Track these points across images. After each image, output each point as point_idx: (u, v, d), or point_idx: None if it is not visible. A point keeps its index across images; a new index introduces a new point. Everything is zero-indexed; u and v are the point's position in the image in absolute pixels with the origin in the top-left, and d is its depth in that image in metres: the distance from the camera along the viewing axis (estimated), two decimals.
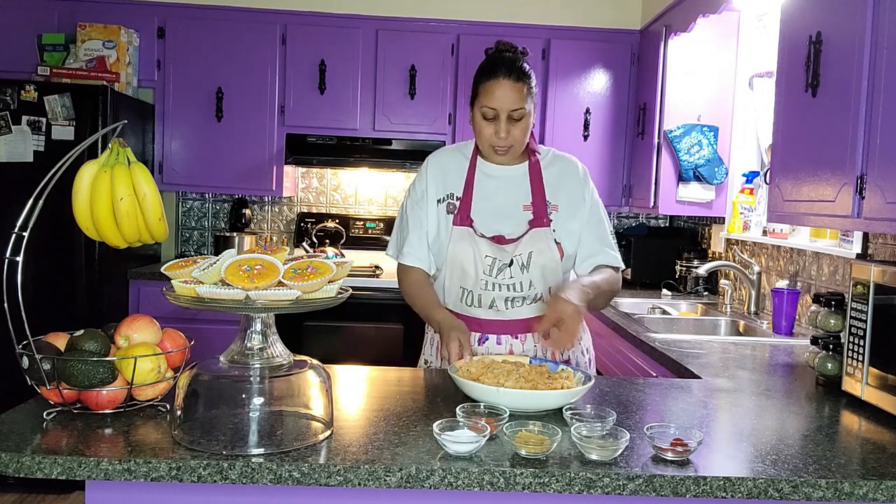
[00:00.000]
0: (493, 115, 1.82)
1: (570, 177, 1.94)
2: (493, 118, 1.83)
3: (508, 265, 1.85)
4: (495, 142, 1.84)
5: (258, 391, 1.37)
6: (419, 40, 3.98)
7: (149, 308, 3.65)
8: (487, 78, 1.83)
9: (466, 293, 1.89)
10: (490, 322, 1.88)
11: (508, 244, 1.85)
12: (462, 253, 1.85)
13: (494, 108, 1.81)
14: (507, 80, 1.80)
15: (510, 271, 1.85)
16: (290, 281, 1.33)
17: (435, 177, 1.96)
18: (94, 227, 1.55)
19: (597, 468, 1.26)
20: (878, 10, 1.81)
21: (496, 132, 1.82)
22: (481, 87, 1.84)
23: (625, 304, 3.45)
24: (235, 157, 3.97)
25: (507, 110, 1.81)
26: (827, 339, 1.93)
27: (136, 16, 3.88)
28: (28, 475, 1.23)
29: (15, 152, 3.39)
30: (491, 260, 1.85)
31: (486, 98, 1.82)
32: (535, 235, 1.85)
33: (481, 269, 1.85)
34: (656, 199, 3.69)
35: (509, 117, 1.82)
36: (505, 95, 1.80)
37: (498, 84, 1.80)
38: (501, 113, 1.81)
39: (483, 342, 1.90)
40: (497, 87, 1.80)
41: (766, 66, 3.36)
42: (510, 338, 1.89)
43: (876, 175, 1.79)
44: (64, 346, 1.46)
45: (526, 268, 1.85)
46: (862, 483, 1.27)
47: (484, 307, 1.88)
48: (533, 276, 1.86)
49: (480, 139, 1.88)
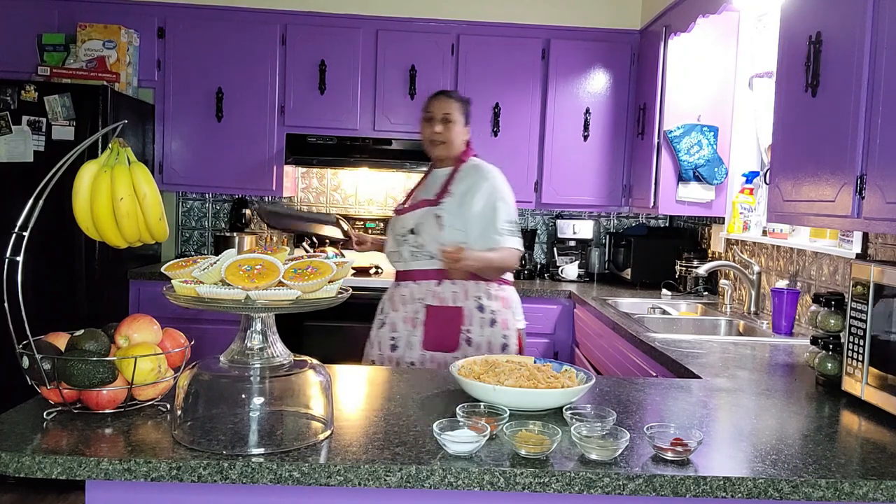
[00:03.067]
0: (429, 117, 2.58)
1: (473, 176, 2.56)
2: (429, 120, 2.57)
3: (411, 231, 2.54)
4: (431, 136, 2.57)
5: (258, 391, 1.37)
6: (419, 40, 3.98)
7: (149, 308, 3.65)
8: (430, 98, 2.63)
9: (392, 253, 2.64)
10: (403, 272, 2.58)
11: (404, 214, 2.58)
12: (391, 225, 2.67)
13: (430, 111, 2.58)
14: (442, 96, 2.61)
15: (412, 237, 2.54)
16: (290, 281, 1.33)
17: None
18: (94, 227, 1.55)
19: (597, 468, 1.26)
20: (878, 10, 1.81)
21: (432, 129, 2.56)
22: (426, 104, 2.62)
23: (625, 304, 3.45)
24: (235, 157, 3.97)
25: (440, 113, 2.56)
26: (827, 339, 1.93)
27: (136, 16, 3.89)
28: (28, 475, 1.23)
29: (15, 152, 3.39)
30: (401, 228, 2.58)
31: (426, 107, 2.61)
32: (424, 211, 2.53)
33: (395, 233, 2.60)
34: (656, 199, 3.69)
35: (442, 120, 2.56)
36: (438, 104, 2.58)
37: (436, 98, 2.62)
38: (436, 115, 2.56)
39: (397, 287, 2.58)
40: (435, 100, 2.61)
41: (766, 66, 3.36)
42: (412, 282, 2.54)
43: (876, 175, 1.79)
44: (64, 346, 1.46)
45: (417, 234, 2.53)
46: (862, 483, 1.27)
47: (403, 261, 2.58)
48: (424, 239, 2.51)
49: (424, 139, 2.61)
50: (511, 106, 4.01)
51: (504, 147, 3.96)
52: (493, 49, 3.99)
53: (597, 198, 4.11)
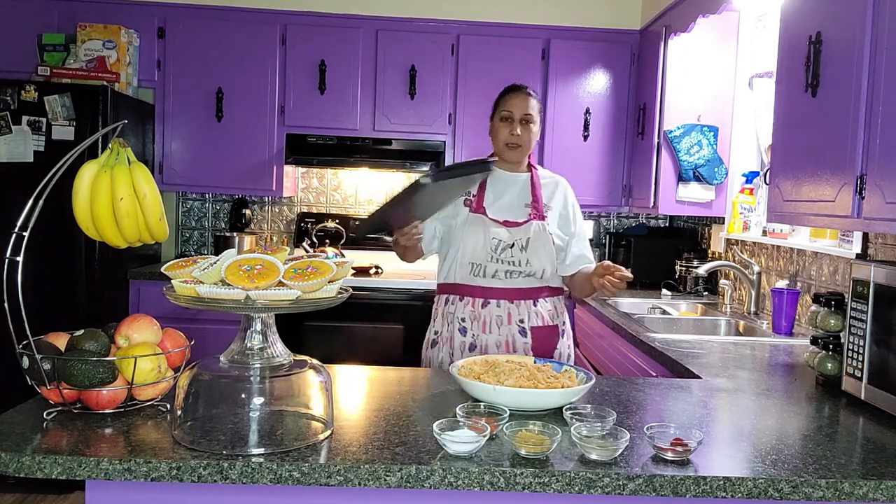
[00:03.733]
0: (508, 116, 2.31)
1: (561, 189, 2.43)
2: (508, 119, 2.31)
3: (510, 246, 2.28)
4: (509, 139, 2.31)
5: (258, 391, 1.37)
6: (419, 40, 3.98)
7: (149, 308, 3.65)
8: (506, 93, 2.37)
9: (475, 266, 2.29)
10: (492, 289, 2.29)
11: (513, 227, 2.29)
12: (475, 234, 2.28)
13: (510, 110, 2.31)
14: (521, 93, 2.34)
15: (511, 251, 2.28)
16: (290, 281, 1.33)
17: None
18: (94, 227, 1.55)
19: (597, 468, 1.26)
20: (878, 10, 1.81)
21: (511, 131, 2.31)
22: (501, 100, 2.36)
23: (625, 304, 3.45)
24: (235, 157, 3.97)
25: (519, 114, 2.31)
26: (827, 339, 1.93)
27: (136, 16, 3.88)
28: (28, 475, 1.23)
29: (15, 152, 3.39)
30: (496, 241, 2.28)
31: (503, 105, 2.34)
32: (534, 225, 2.30)
33: (489, 246, 2.28)
34: (656, 199, 3.69)
35: (521, 120, 2.31)
36: (519, 103, 2.32)
37: (514, 95, 2.34)
38: (515, 116, 2.31)
39: (485, 306, 2.28)
40: (513, 97, 2.34)
41: (766, 66, 3.36)
42: (507, 302, 2.29)
43: (876, 175, 1.79)
44: (64, 346, 1.46)
45: (524, 249, 2.28)
46: (862, 483, 1.27)
47: (488, 277, 2.29)
48: (530, 256, 2.28)
49: (497, 140, 2.35)
50: None
51: None
52: (493, 49, 3.99)
53: (597, 198, 4.11)
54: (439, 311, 2.39)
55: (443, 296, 2.39)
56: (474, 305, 2.29)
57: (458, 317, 2.30)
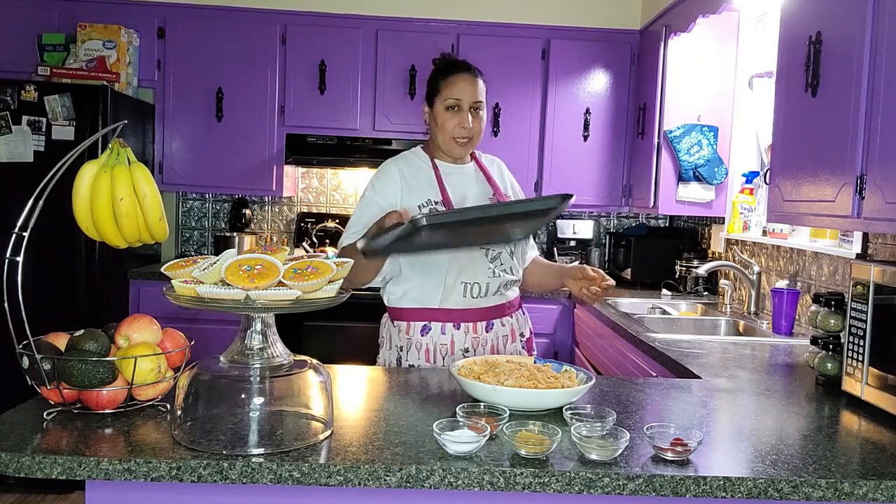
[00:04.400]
0: (456, 104, 1.93)
1: (504, 170, 2.12)
2: (455, 109, 1.93)
3: (498, 253, 1.97)
4: (458, 133, 1.94)
5: (258, 391, 1.37)
6: (419, 40, 3.98)
7: (149, 308, 3.65)
8: (449, 73, 1.95)
9: (471, 286, 1.95)
10: (494, 308, 1.98)
11: None
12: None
13: (458, 98, 1.92)
14: (468, 75, 1.94)
15: (501, 259, 1.99)
16: (290, 281, 1.33)
17: (408, 184, 2.00)
18: (94, 227, 1.55)
19: (597, 468, 1.26)
20: (878, 11, 1.81)
21: (460, 123, 1.93)
22: (443, 82, 1.95)
23: (625, 304, 3.45)
24: (235, 157, 3.97)
25: (469, 102, 1.93)
26: (827, 339, 1.93)
27: (136, 16, 3.88)
28: (28, 475, 1.23)
29: (15, 152, 3.39)
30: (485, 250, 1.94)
31: (448, 91, 1.93)
32: None
33: (482, 260, 1.95)
34: (656, 199, 3.69)
35: (471, 109, 1.94)
36: (467, 88, 1.93)
37: (460, 77, 1.93)
38: (464, 104, 1.93)
39: (490, 328, 1.99)
40: (460, 80, 1.93)
41: (766, 66, 3.36)
42: (509, 318, 2.02)
43: (876, 175, 1.79)
44: (64, 346, 1.46)
45: (514, 252, 2.02)
46: (862, 483, 1.27)
47: (489, 295, 1.97)
48: (516, 260, 2.03)
49: (443, 132, 1.96)
50: (511, 106, 4.01)
51: (504, 147, 3.96)
52: (493, 49, 3.99)
53: (597, 198, 4.11)
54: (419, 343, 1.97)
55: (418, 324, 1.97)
56: (477, 331, 1.96)
57: (461, 348, 1.97)
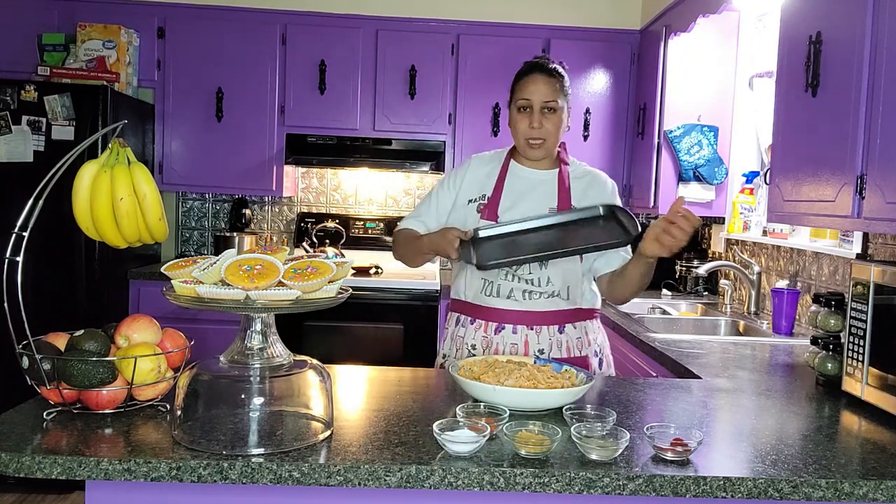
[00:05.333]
0: (527, 105, 1.93)
1: (597, 189, 2.06)
2: (527, 110, 1.94)
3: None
4: (529, 133, 1.94)
5: (258, 391, 1.37)
6: (419, 40, 3.98)
7: (149, 308, 3.65)
8: (522, 76, 1.97)
9: (487, 284, 1.96)
10: (507, 312, 1.95)
11: None
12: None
13: (528, 98, 1.93)
14: (540, 76, 1.93)
15: (529, 267, 1.93)
16: (290, 281, 1.33)
17: (476, 176, 2.05)
18: (94, 227, 1.55)
19: (597, 468, 1.26)
20: (878, 10, 1.81)
21: (530, 123, 1.93)
22: (517, 84, 1.98)
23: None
24: (235, 157, 3.97)
25: (539, 102, 1.92)
26: (827, 339, 1.93)
27: (136, 16, 3.88)
28: (28, 475, 1.23)
29: (15, 152, 3.39)
30: None
31: (520, 92, 1.95)
32: None
33: None
34: (656, 199, 3.69)
35: (542, 109, 1.93)
36: (538, 89, 1.92)
37: (531, 79, 1.94)
38: (535, 104, 1.92)
39: (500, 331, 1.96)
40: (531, 82, 1.94)
41: (766, 66, 3.36)
42: (525, 328, 1.95)
43: (876, 175, 1.79)
44: (64, 346, 1.46)
45: (544, 265, 1.93)
46: (862, 483, 1.27)
47: (503, 297, 1.95)
48: (551, 274, 1.94)
49: (516, 134, 1.98)
50: None
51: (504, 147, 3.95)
52: (493, 49, 3.99)
53: None
54: (449, 332, 2.07)
55: (453, 314, 2.07)
56: (486, 331, 1.96)
57: (468, 343, 1.97)
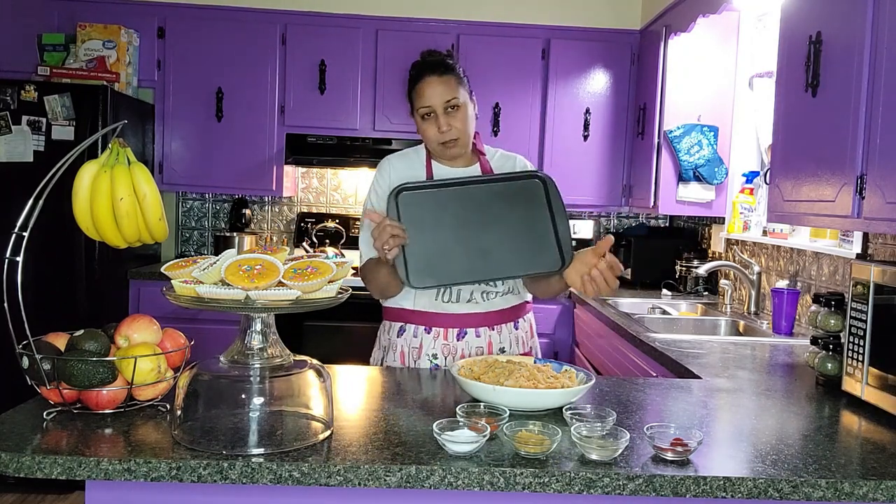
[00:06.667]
0: (429, 111, 1.88)
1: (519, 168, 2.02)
2: (431, 115, 1.88)
3: None
4: (440, 137, 1.89)
5: (258, 391, 1.37)
6: (419, 40, 3.97)
7: (149, 308, 3.65)
8: (415, 82, 1.92)
9: (443, 290, 1.91)
10: (469, 315, 1.92)
11: None
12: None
13: (428, 105, 1.87)
14: (433, 77, 1.88)
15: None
16: (290, 281, 1.33)
17: (400, 175, 1.97)
18: (94, 227, 1.55)
19: (597, 468, 1.26)
20: (878, 11, 1.81)
21: (438, 128, 1.87)
22: (413, 92, 1.93)
23: (625, 304, 3.45)
24: (235, 157, 3.97)
25: (441, 105, 1.87)
26: (827, 339, 1.93)
27: (136, 16, 3.89)
28: (28, 475, 1.23)
29: (15, 152, 3.39)
30: None
31: (419, 100, 1.90)
32: None
33: None
34: (656, 199, 3.69)
35: (446, 110, 1.87)
36: (434, 91, 1.86)
37: (425, 83, 1.88)
38: (437, 108, 1.87)
39: (462, 337, 1.93)
40: (426, 86, 1.88)
41: (766, 66, 3.36)
42: (488, 329, 1.94)
43: (876, 175, 1.79)
44: (64, 346, 1.46)
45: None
46: (862, 483, 1.27)
47: (462, 301, 1.92)
48: None
49: (428, 142, 1.93)
50: (511, 106, 4.01)
51: (504, 147, 3.92)
52: (493, 49, 3.99)
53: (597, 198, 4.11)
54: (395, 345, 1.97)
55: (394, 324, 1.98)
56: (447, 338, 1.92)
57: (428, 353, 1.93)
